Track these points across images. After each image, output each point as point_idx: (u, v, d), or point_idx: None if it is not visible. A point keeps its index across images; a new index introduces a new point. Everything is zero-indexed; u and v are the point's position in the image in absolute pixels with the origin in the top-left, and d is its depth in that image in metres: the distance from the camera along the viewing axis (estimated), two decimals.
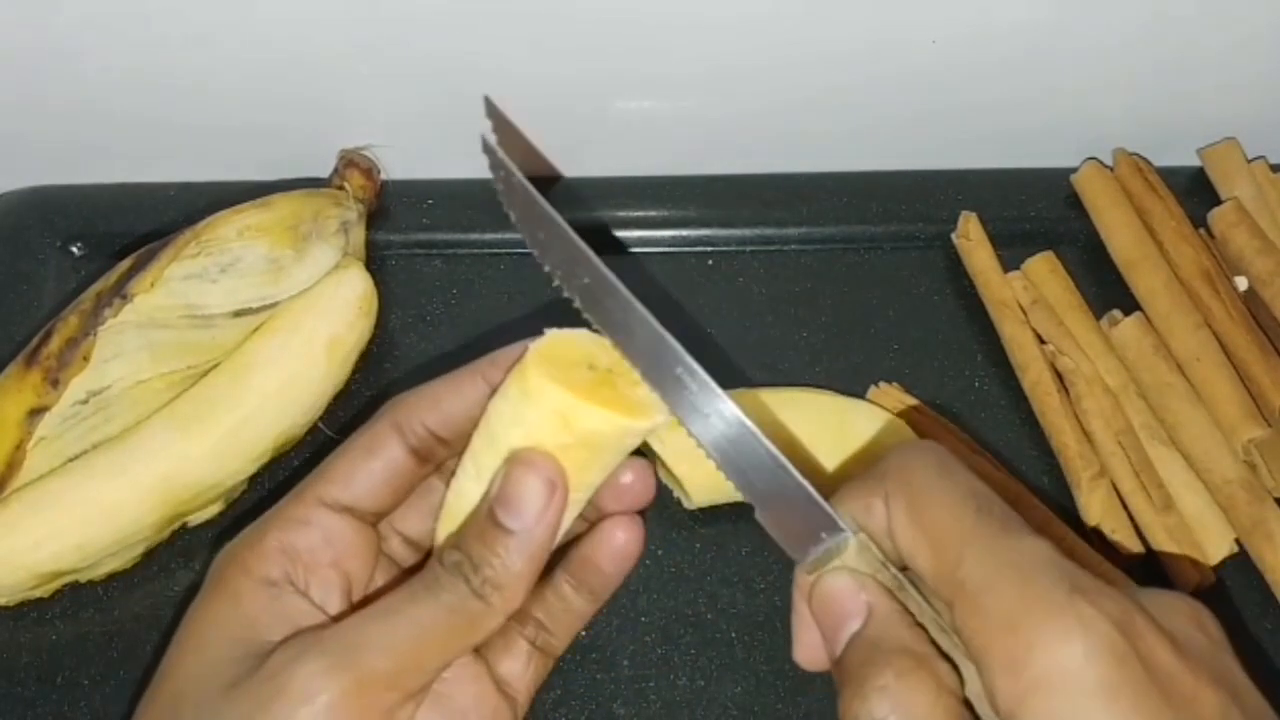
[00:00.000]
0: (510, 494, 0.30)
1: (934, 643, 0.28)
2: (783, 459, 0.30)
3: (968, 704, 0.28)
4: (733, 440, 0.30)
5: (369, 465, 0.32)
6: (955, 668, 0.28)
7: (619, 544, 0.33)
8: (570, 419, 0.29)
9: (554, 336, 0.31)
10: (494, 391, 0.32)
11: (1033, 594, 0.26)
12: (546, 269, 0.31)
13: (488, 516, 0.30)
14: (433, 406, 0.32)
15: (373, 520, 0.33)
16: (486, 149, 0.31)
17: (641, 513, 0.34)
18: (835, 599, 0.29)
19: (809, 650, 0.30)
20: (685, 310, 0.53)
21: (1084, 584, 0.26)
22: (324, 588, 0.31)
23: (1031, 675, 0.25)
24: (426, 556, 0.34)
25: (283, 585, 0.31)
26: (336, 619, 0.31)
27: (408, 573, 0.34)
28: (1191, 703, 0.25)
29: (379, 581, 0.33)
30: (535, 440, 0.30)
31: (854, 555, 0.29)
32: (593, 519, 0.34)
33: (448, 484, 0.33)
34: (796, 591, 0.31)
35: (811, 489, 0.30)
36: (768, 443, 0.30)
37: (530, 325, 0.52)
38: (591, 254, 0.30)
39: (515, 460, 0.30)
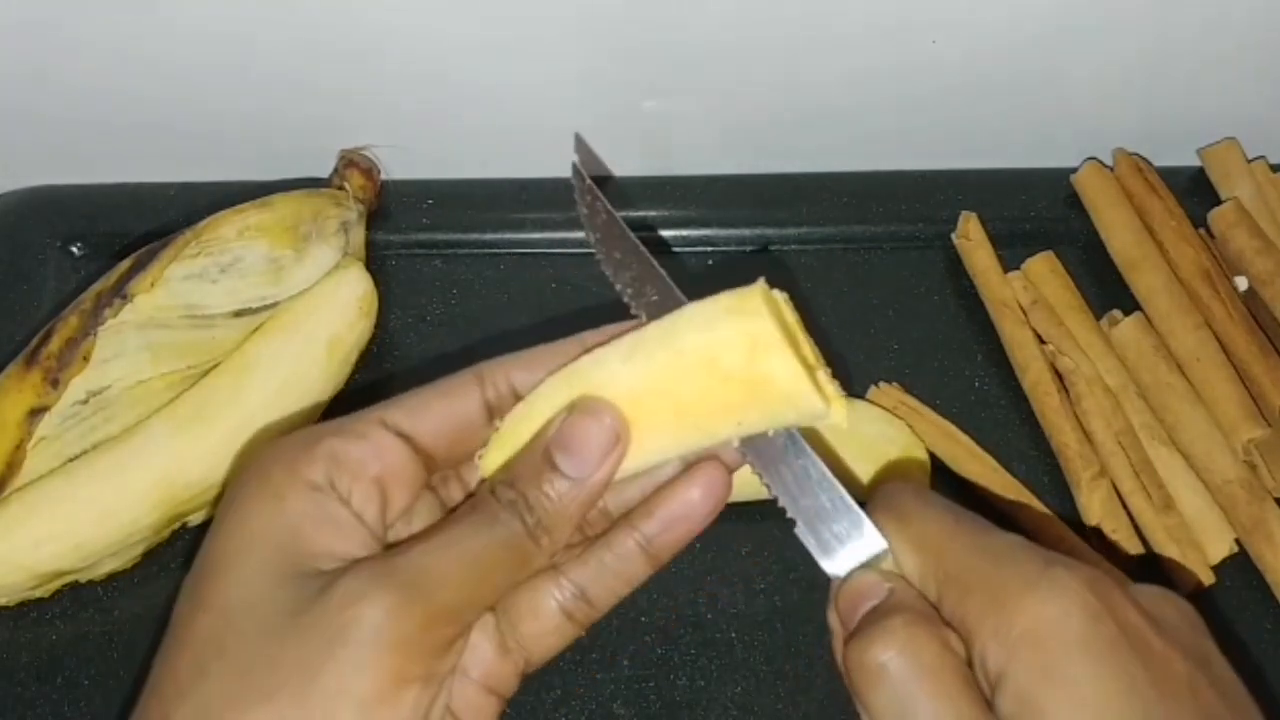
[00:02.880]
0: (570, 439, 0.29)
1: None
2: (830, 475, 0.31)
3: None
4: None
5: (441, 403, 0.32)
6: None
7: (692, 500, 0.31)
8: (758, 351, 0.28)
9: (786, 299, 0.30)
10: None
11: (1010, 571, 0.28)
12: (618, 286, 0.33)
13: (544, 458, 0.29)
14: (525, 366, 0.32)
15: (426, 461, 0.32)
16: (575, 173, 0.33)
17: None
18: (859, 589, 0.30)
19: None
20: None
21: (1056, 558, 0.29)
22: (362, 500, 0.31)
23: (1016, 635, 0.27)
24: None
25: (326, 490, 0.30)
26: (389, 547, 0.31)
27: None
28: (1162, 661, 0.27)
29: (421, 521, 0.33)
30: (705, 353, 0.29)
31: (888, 565, 0.31)
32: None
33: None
34: (830, 606, 0.31)
35: (855, 505, 0.31)
36: (815, 456, 0.31)
37: (530, 325, 0.54)
38: (663, 272, 0.32)
39: (580, 408, 0.29)
